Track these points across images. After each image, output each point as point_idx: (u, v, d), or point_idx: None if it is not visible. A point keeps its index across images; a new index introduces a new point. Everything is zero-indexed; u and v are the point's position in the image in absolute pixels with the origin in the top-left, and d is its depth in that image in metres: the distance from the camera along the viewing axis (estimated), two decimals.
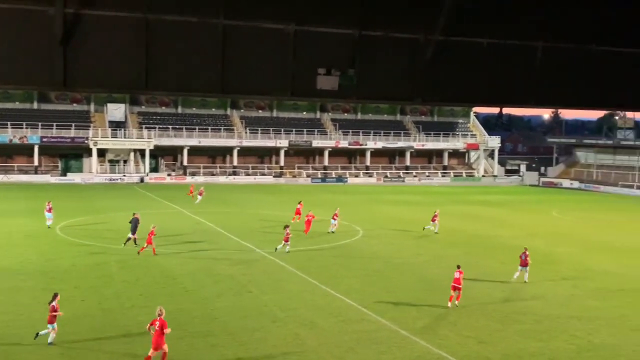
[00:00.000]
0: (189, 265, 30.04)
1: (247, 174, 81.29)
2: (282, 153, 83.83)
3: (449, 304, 24.10)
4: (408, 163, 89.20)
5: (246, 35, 10.29)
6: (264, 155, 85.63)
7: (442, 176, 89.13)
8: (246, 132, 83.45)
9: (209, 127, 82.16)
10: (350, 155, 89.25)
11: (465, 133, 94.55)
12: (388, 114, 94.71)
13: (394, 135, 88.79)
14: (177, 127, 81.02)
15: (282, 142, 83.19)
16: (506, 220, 48.98)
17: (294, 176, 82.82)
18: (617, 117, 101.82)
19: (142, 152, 77.57)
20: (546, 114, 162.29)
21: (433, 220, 40.86)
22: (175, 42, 10.04)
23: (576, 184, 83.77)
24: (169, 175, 78.55)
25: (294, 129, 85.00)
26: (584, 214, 55.53)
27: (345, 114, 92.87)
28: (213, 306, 23.52)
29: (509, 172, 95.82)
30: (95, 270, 28.60)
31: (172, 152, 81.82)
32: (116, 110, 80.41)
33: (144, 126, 79.69)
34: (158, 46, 9.86)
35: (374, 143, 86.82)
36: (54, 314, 19.14)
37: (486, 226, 44.80)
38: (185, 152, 79.77)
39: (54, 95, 78.79)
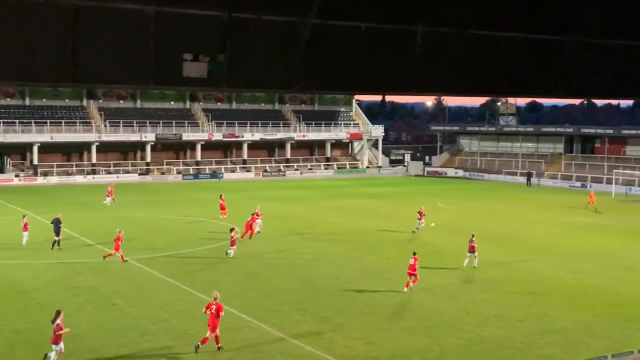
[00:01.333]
0: (44, 277, 28.74)
1: (109, 172, 78.53)
2: (148, 148, 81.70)
3: (405, 289, 26.84)
4: (289, 155, 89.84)
5: (100, 17, 9.88)
6: (127, 150, 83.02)
7: (325, 168, 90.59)
8: (106, 126, 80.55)
9: (63, 121, 78.54)
10: (226, 149, 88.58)
11: (348, 122, 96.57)
12: (265, 103, 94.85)
13: (272, 126, 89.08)
14: (25, 121, 76.82)
15: (148, 136, 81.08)
16: (392, 213, 50.58)
17: (163, 173, 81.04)
18: (499, 104, 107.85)
19: None
20: (429, 101, 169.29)
21: (420, 219, 41.37)
22: (17, 25, 9.48)
23: (461, 173, 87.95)
24: (17, 176, 74.39)
25: (161, 121, 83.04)
26: (468, 203, 58.41)
27: (219, 104, 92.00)
28: (73, 322, 22.51)
29: (393, 163, 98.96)
30: None
31: (20, 150, 77.43)
32: None
33: None
34: None
35: (251, 135, 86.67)
36: (60, 332, 18.54)
37: (371, 221, 46.02)
38: (35, 149, 75.81)
39: None
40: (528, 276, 30.32)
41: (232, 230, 33.64)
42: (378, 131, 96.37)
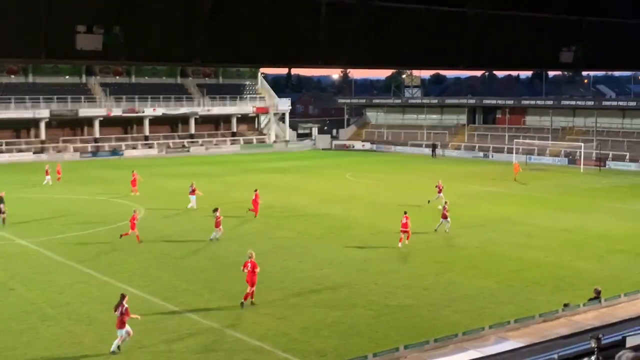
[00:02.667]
0: None
1: (1, 152, 75.10)
2: (42, 125, 78.42)
3: (399, 244, 30.22)
4: (193, 131, 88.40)
5: None
6: (20, 128, 79.34)
7: (232, 144, 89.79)
8: None
9: None
10: (126, 125, 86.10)
11: (254, 96, 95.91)
12: (167, 77, 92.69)
13: (175, 100, 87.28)
14: None
15: (42, 113, 77.80)
16: (301, 187, 50.88)
17: (59, 151, 78.09)
18: (404, 76, 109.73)
19: None
20: (335, 74, 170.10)
21: (439, 192, 41.94)
22: None
23: (368, 145, 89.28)
24: None
25: (55, 97, 79.75)
26: (376, 175, 59.47)
27: (117, 78, 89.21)
28: None
29: (301, 136, 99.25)
30: None
31: None
32: None
33: None
34: None
35: (152, 110, 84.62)
36: (128, 317, 18.45)
37: (280, 195, 46.07)
38: None
39: None
40: (434, 245, 31.32)
41: (215, 210, 32.71)
42: (285, 105, 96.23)
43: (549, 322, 12.11)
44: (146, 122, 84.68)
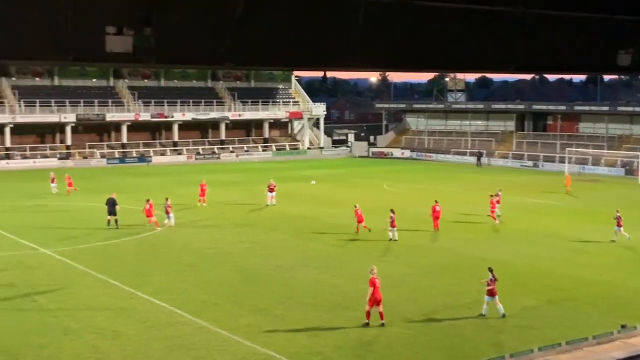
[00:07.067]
0: None
1: (25, 157, 76.63)
2: (68, 130, 79.94)
3: (435, 229, 36.82)
4: (223, 137, 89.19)
5: None
6: (45, 133, 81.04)
7: (263, 150, 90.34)
8: (20, 106, 78.34)
9: None
10: (154, 130, 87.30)
11: (287, 100, 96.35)
12: (197, 80, 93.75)
13: (205, 104, 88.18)
14: None
15: (68, 117, 79.31)
16: (335, 197, 50.88)
17: (85, 157, 79.46)
18: (447, 79, 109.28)
19: None
20: (373, 77, 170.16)
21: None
22: None
23: (407, 153, 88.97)
24: None
25: (82, 100, 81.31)
26: (415, 185, 59.25)
27: (146, 81, 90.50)
28: None
29: (336, 143, 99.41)
30: None
31: None
32: None
33: None
34: None
35: (182, 114, 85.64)
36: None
37: (313, 206, 46.21)
38: None
39: None
40: (475, 261, 30.93)
41: (392, 211, 34.98)
42: (319, 109, 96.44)
43: (603, 345, 11.98)
44: (175, 128, 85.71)
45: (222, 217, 41.53)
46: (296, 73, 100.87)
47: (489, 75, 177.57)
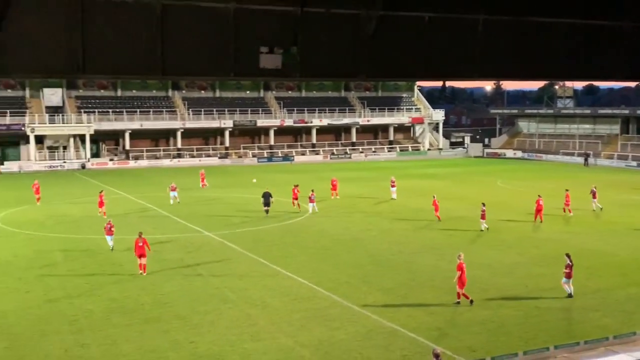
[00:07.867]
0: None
1: (192, 156, 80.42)
2: (226, 134, 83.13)
3: (535, 221, 35.58)
4: (354, 139, 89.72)
5: (185, 15, 10.15)
6: (208, 136, 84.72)
7: (388, 151, 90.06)
8: (189, 114, 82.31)
9: (151, 110, 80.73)
10: (296, 134, 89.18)
11: (410, 107, 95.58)
12: (332, 91, 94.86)
13: (339, 111, 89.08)
14: (118, 110, 79.35)
15: (227, 123, 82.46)
16: (452, 192, 49.92)
17: (240, 157, 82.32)
18: (557, 87, 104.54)
19: (82, 138, 75.67)
20: (488, 85, 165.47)
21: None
22: (112, 24, 9.82)
23: (519, 154, 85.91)
24: (111, 160, 77.01)
25: (238, 109, 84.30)
26: (527, 182, 57.06)
27: (290, 92, 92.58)
28: (162, 291, 23.36)
29: (453, 145, 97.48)
30: (39, 260, 27.98)
31: (114, 137, 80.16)
32: (53, 95, 78.13)
33: (82, 110, 77.71)
34: (94, 28, 9.62)
35: (319, 120, 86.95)
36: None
37: (431, 200, 45.41)
38: (127, 136, 78.26)
39: None
40: (583, 252, 29.44)
41: (483, 204, 34.11)
42: (439, 115, 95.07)
43: None
44: (314, 131, 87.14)
45: (353, 208, 41.78)
46: (418, 83, 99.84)
47: (595, 83, 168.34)
